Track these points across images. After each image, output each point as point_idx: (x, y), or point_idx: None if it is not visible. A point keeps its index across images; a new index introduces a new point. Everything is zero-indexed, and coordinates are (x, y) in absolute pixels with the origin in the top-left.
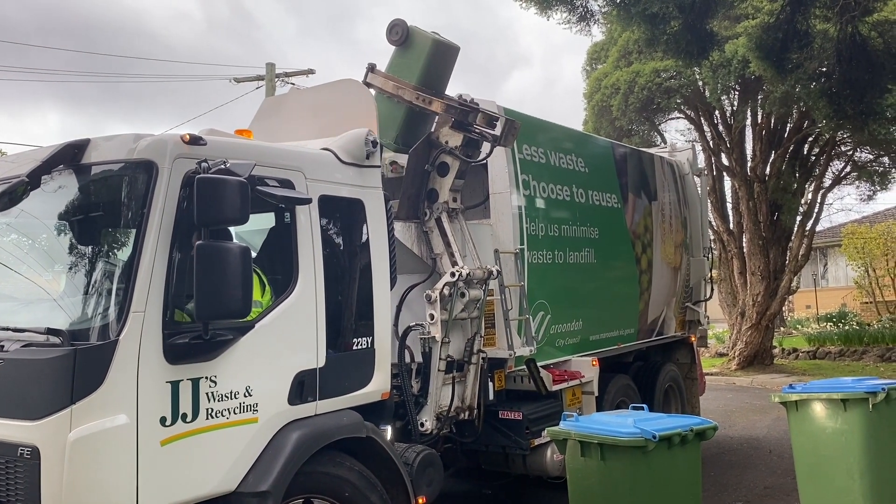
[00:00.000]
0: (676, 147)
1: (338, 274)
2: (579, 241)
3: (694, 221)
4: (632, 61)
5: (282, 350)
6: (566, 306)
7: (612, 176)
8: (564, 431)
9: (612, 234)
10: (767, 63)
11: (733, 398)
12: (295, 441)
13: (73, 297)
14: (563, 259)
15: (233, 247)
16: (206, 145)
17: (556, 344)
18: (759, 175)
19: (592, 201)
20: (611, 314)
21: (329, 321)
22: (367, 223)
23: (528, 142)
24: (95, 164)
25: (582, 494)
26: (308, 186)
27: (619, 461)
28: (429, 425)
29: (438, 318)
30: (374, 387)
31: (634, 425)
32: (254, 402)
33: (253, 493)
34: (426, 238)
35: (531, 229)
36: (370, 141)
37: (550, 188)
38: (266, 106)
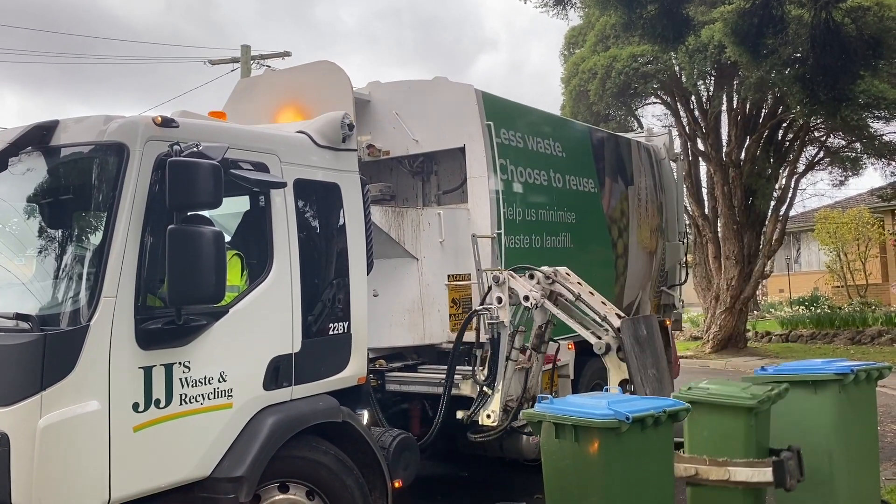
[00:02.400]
0: (653, 132)
1: (314, 258)
2: (556, 225)
3: (670, 206)
4: (609, 46)
5: (257, 335)
6: None
7: (589, 160)
8: (539, 414)
9: (589, 218)
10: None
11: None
12: (270, 426)
13: (42, 282)
14: (540, 244)
15: (205, 231)
16: (178, 128)
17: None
18: (734, 160)
19: (570, 186)
20: None
21: (305, 306)
22: (344, 207)
23: (507, 126)
24: (65, 146)
25: (556, 475)
26: (283, 170)
27: (593, 442)
28: (495, 417)
29: (507, 301)
30: (350, 371)
31: (608, 407)
32: (228, 388)
33: (228, 478)
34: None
35: (509, 214)
36: (346, 124)
37: (528, 173)
38: (240, 88)
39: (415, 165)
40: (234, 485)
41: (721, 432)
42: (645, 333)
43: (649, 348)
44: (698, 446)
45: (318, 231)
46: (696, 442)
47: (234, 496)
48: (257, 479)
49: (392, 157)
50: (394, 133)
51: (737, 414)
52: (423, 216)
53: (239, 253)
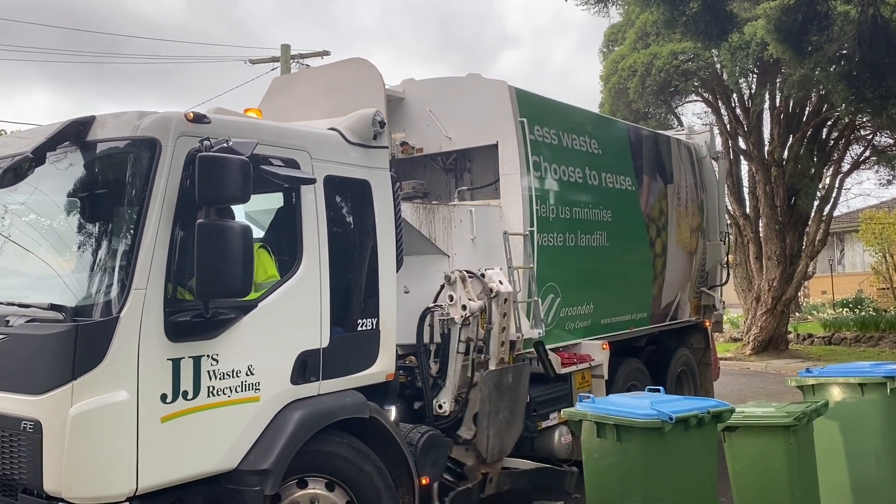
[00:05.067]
0: (694, 130)
1: (343, 255)
2: (591, 223)
3: (711, 205)
4: (649, 43)
5: (285, 329)
6: (577, 289)
7: (626, 158)
8: (581, 413)
9: (625, 216)
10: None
11: (747, 383)
12: (297, 420)
13: (76, 274)
14: (574, 242)
15: (234, 225)
16: (210, 123)
17: (567, 327)
18: (776, 159)
19: (606, 183)
20: (623, 298)
21: (334, 302)
22: (374, 204)
23: (540, 123)
24: (100, 140)
25: (597, 475)
26: (313, 166)
27: (635, 442)
28: (447, 407)
29: (459, 300)
30: (378, 368)
31: (651, 407)
32: (256, 381)
33: (254, 471)
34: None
35: (542, 211)
36: (377, 121)
37: (562, 170)
38: (276, 85)
39: (448, 162)
40: (259, 477)
41: (761, 456)
42: (510, 381)
43: (509, 394)
44: (741, 474)
45: (348, 227)
46: (738, 470)
47: (260, 488)
48: (283, 473)
49: (425, 155)
50: (427, 130)
51: (775, 435)
52: (455, 213)
53: (268, 248)
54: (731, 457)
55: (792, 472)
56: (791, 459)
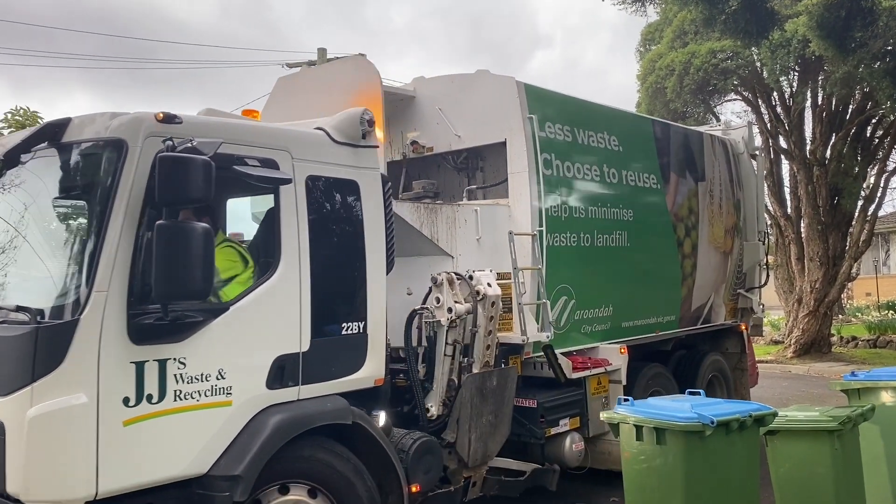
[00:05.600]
0: (731, 125)
1: (327, 257)
2: (609, 223)
3: (748, 203)
4: (687, 42)
5: (260, 333)
6: (593, 291)
7: (651, 155)
8: (620, 415)
9: (649, 215)
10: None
11: (789, 386)
12: (272, 426)
13: (43, 276)
14: (589, 242)
15: (193, 227)
16: (181, 124)
17: (583, 330)
18: (818, 158)
19: (626, 181)
20: (647, 300)
21: (315, 305)
22: (362, 205)
23: (553, 119)
24: (73, 143)
25: (637, 478)
26: (295, 166)
27: (676, 445)
28: (434, 410)
29: (445, 303)
30: (366, 373)
31: (692, 410)
32: (227, 385)
33: (224, 476)
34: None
35: (552, 211)
36: (365, 120)
37: (577, 168)
38: (280, 86)
39: (459, 161)
40: (229, 483)
41: (805, 461)
42: (495, 384)
43: (493, 398)
44: (784, 479)
45: (332, 229)
46: (781, 475)
47: (229, 494)
48: (254, 479)
49: (437, 154)
50: (437, 129)
51: (820, 439)
52: (460, 213)
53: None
54: (773, 461)
55: (837, 478)
56: (836, 465)
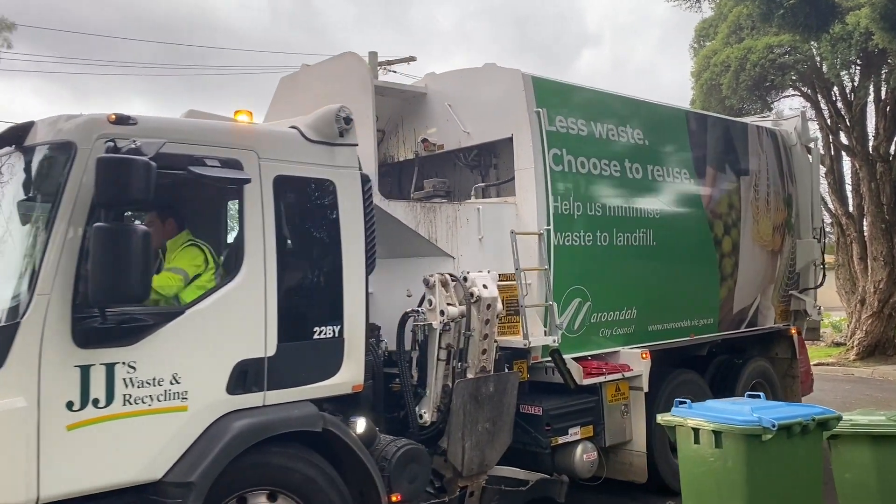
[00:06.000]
0: (782, 115)
1: (297, 259)
2: (631, 220)
3: (802, 198)
4: (743, 37)
5: (219, 337)
6: (613, 293)
7: (683, 148)
8: (677, 418)
9: (680, 212)
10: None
11: (852, 389)
12: (230, 434)
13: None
14: (607, 241)
15: (129, 229)
16: (136, 125)
17: (601, 333)
18: (882, 154)
19: (653, 176)
20: (678, 302)
21: (283, 308)
22: (339, 205)
23: (565, 113)
24: (32, 146)
25: (694, 482)
26: (261, 166)
27: (735, 449)
28: (427, 417)
29: (437, 305)
30: (342, 378)
31: (751, 413)
32: (182, 390)
33: (177, 483)
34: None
35: (563, 208)
36: (342, 118)
37: (592, 163)
38: (282, 86)
39: (470, 159)
40: (182, 490)
41: (871, 466)
42: (492, 391)
43: (490, 405)
44: (848, 485)
45: (303, 230)
46: (845, 480)
47: (181, 501)
48: (208, 487)
49: (448, 151)
50: (447, 126)
51: (887, 444)
52: (461, 212)
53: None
54: (837, 466)
55: None
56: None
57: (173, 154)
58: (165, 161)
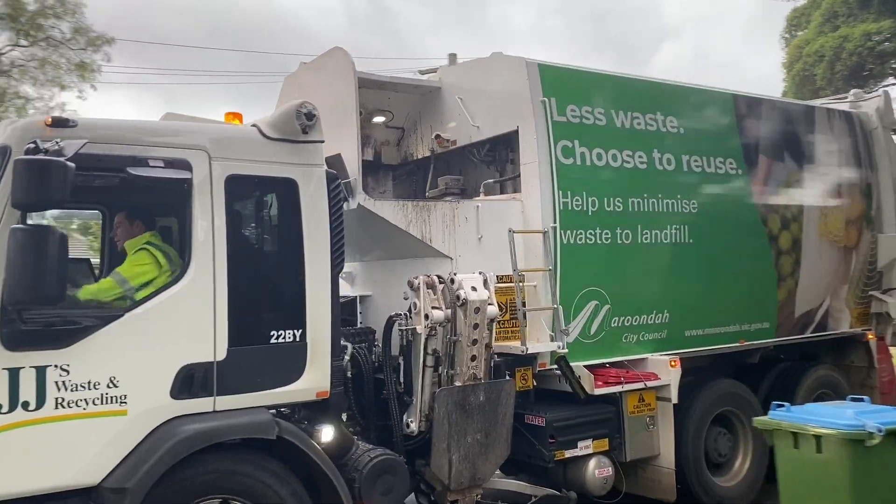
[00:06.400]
0: (861, 95)
1: (252, 260)
2: (661, 216)
3: (884, 188)
4: (838, 25)
5: (162, 341)
6: (638, 295)
7: (730, 136)
8: (774, 422)
9: (724, 206)
10: None
11: None
12: (171, 439)
13: None
14: (630, 238)
15: (45, 230)
16: (75, 127)
17: (625, 339)
18: None
19: (689, 168)
20: (724, 306)
21: (235, 312)
22: (301, 204)
23: (578, 102)
24: None
25: (793, 487)
26: (213, 166)
27: (837, 454)
28: (414, 426)
29: (421, 309)
30: (305, 385)
31: (854, 417)
32: (121, 394)
33: (112, 488)
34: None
35: (575, 204)
36: (303, 114)
37: (611, 155)
38: (286, 85)
39: (483, 154)
40: (117, 496)
41: None
42: (482, 400)
43: (481, 415)
44: None
45: (260, 231)
46: None
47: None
48: (143, 493)
49: (461, 147)
50: (459, 120)
51: None
52: (460, 210)
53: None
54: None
55: None
56: None
57: (111, 155)
58: (99, 162)
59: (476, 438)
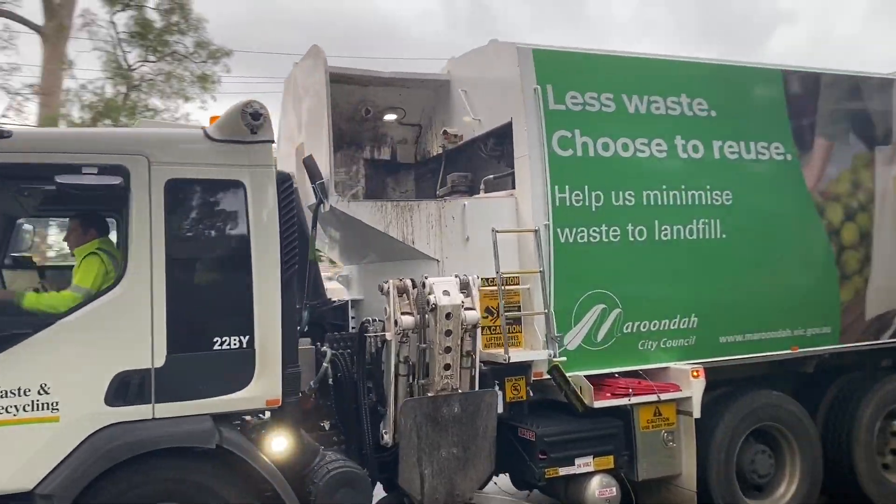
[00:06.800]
0: None
1: (193, 265)
2: (685, 210)
3: None
4: None
5: (95, 348)
6: (657, 298)
7: (776, 116)
8: None
9: (767, 196)
10: None
11: None
12: (102, 447)
13: None
14: (644, 236)
15: None
16: (10, 137)
17: (642, 346)
18: None
19: (723, 154)
20: (769, 308)
21: (173, 317)
22: (248, 206)
23: (581, 87)
24: None
25: None
26: (152, 171)
27: None
28: (388, 438)
29: (391, 314)
30: (253, 392)
31: None
32: (53, 401)
33: (42, 494)
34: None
35: (574, 199)
36: (249, 114)
37: (621, 144)
38: (285, 86)
39: (489, 148)
40: (45, 502)
41: None
42: (457, 412)
43: (457, 427)
44: None
45: (203, 235)
46: None
47: None
48: (69, 500)
49: (468, 142)
50: (464, 114)
51: None
52: (446, 209)
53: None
54: None
55: None
56: None
57: (40, 164)
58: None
59: (452, 453)
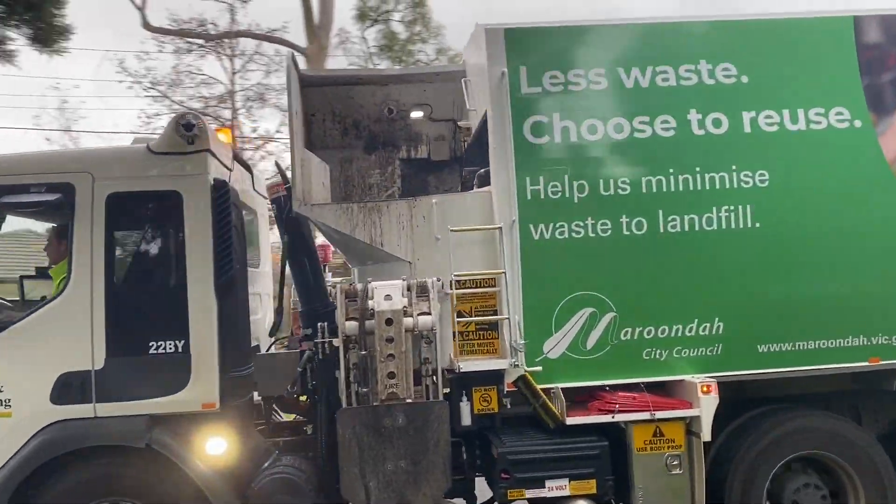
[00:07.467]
0: None
1: (131, 274)
2: (701, 196)
3: None
4: None
5: (42, 351)
6: (665, 299)
7: (842, 76)
8: None
9: (823, 175)
10: None
11: None
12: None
13: None
14: (643, 228)
15: None
16: None
17: (647, 355)
18: None
19: (757, 128)
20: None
21: (112, 323)
22: (184, 215)
23: (560, 66)
24: None
25: None
26: (95, 187)
27: None
28: None
29: (339, 320)
30: (189, 396)
31: None
32: (6, 398)
33: None
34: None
35: (552, 191)
36: (182, 125)
37: (614, 125)
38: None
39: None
40: None
41: None
42: (401, 423)
43: (404, 439)
44: None
45: (140, 245)
46: None
47: None
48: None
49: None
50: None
51: None
52: (417, 208)
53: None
54: None
55: None
56: None
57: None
58: None
59: (400, 466)
